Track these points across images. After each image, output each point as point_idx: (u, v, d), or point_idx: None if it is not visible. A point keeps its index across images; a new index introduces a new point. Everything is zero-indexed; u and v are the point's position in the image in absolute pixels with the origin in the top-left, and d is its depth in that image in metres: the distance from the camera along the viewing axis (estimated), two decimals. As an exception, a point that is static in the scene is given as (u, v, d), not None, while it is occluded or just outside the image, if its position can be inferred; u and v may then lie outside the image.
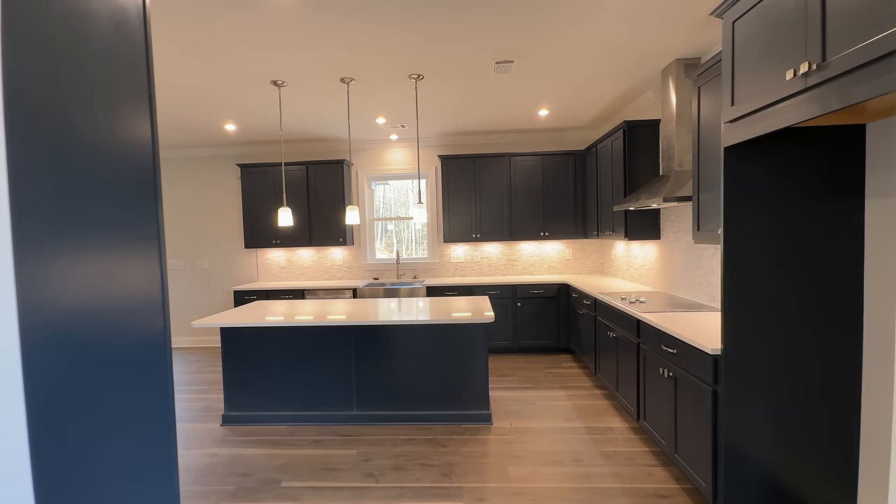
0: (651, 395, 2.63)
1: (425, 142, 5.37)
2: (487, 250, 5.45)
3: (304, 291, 5.03)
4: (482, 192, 5.06)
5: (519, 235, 5.10)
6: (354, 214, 3.36)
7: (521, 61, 3.05)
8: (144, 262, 0.93)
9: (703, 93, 2.50)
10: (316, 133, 4.99)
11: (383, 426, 3.13)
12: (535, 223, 5.07)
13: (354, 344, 3.18)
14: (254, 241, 5.29)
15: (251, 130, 4.73)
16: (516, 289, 4.82)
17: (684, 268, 3.35)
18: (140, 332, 0.92)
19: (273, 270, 5.65)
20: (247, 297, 5.04)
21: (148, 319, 0.94)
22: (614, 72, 3.33)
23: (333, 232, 5.17)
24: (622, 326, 3.07)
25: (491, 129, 5.03)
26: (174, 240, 5.71)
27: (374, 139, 5.35)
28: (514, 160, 5.05)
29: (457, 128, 4.97)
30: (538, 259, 5.43)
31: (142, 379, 0.92)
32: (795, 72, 1.43)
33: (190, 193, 5.66)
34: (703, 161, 2.50)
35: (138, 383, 0.90)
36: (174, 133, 4.80)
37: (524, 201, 5.05)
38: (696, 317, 2.60)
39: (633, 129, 3.72)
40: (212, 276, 5.69)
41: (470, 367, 3.14)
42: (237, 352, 3.25)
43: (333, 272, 5.58)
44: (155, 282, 1.00)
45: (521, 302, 4.82)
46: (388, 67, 3.11)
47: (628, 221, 3.78)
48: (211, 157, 5.59)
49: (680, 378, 2.25)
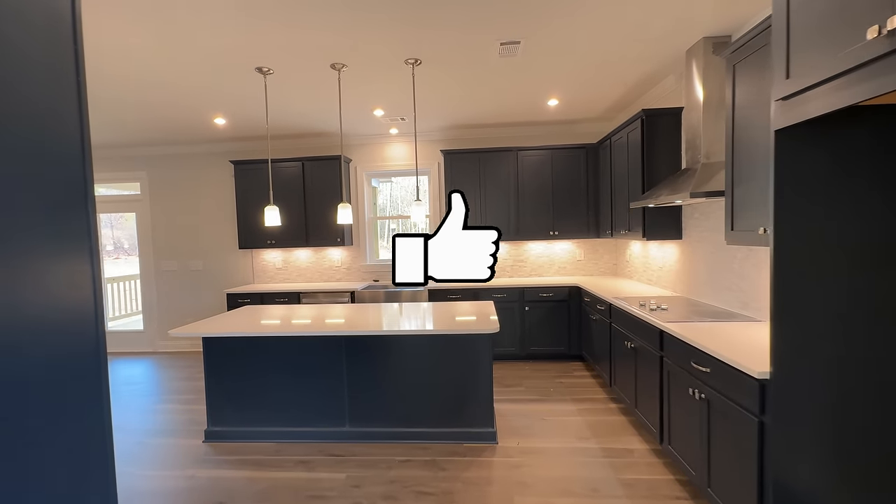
0: (678, 416, 2.33)
1: (426, 136, 5.08)
2: (493, 250, 5.15)
3: (301, 294, 4.77)
4: (487, 188, 4.76)
5: (527, 235, 4.79)
6: (347, 213, 3.09)
7: (528, 42, 2.75)
8: (71, 269, 0.73)
9: (740, 73, 2.18)
10: (312, 127, 4.73)
11: (377, 444, 2.86)
12: (545, 222, 4.76)
13: (347, 354, 2.91)
14: (248, 242, 5.05)
15: (243, 125, 4.48)
16: (524, 292, 4.52)
17: (710, 271, 3.03)
18: (59, 352, 0.70)
19: (269, 272, 5.40)
20: (240, 301, 4.80)
21: (72, 335, 0.73)
22: (631, 54, 3.02)
23: (331, 232, 4.91)
24: (642, 336, 2.76)
25: (496, 121, 4.72)
26: (167, 240, 5.49)
27: (373, 133, 5.07)
28: (521, 155, 4.74)
29: (460, 120, 4.67)
30: (547, 260, 5.12)
31: (60, 409, 0.70)
32: (880, 29, 1.12)
33: (183, 192, 5.43)
34: (738, 151, 2.18)
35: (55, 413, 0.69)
36: (164, 129, 4.57)
37: (532, 198, 4.74)
38: (729, 328, 2.29)
39: (653, 119, 3.40)
40: (206, 277, 5.46)
41: (473, 380, 2.86)
42: (221, 363, 2.99)
43: (332, 273, 5.32)
44: (85, 292, 0.77)
45: (528, 306, 4.51)
46: (383, 52, 2.83)
47: (646, 220, 3.47)
48: (205, 154, 5.36)
49: (714, 401, 1.94)
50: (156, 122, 4.31)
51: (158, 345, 5.56)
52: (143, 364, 5.08)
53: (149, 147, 5.33)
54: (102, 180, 5.54)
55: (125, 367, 5.01)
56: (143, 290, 5.60)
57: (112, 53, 2.73)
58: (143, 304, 5.62)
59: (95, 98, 3.48)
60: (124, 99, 3.62)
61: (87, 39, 2.67)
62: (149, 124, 4.37)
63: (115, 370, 4.93)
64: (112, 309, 6.71)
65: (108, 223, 9.00)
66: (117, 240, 9.11)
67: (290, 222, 4.94)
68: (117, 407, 3.75)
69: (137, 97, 3.57)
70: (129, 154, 5.40)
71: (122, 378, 4.63)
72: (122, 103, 3.73)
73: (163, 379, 4.56)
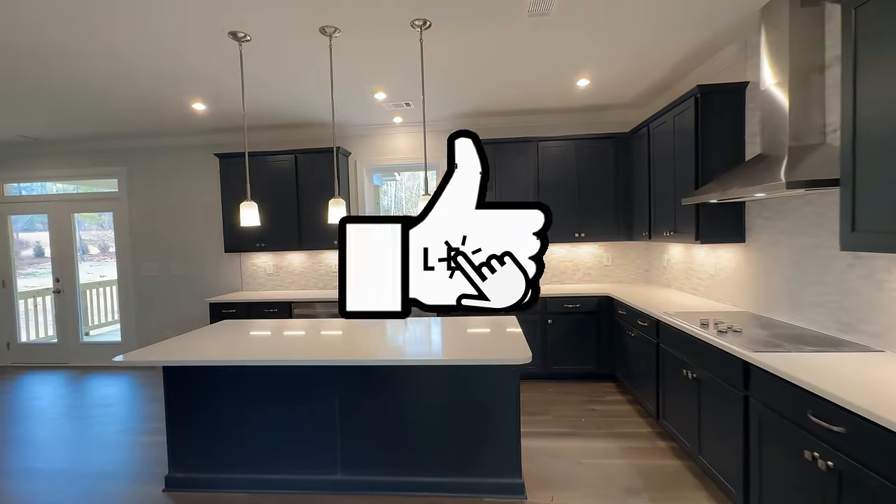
0: (778, 481, 1.74)
1: (435, 126, 4.53)
2: (509, 254, 4.59)
3: (293, 304, 4.23)
4: (503, 184, 4.19)
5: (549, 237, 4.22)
6: (340, 210, 2.54)
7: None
8: None
9: (865, 18, 1.60)
10: (306, 116, 4.19)
11: (376, 497, 2.30)
12: (569, 222, 4.18)
13: (340, 386, 2.35)
14: (235, 245, 4.51)
15: (225, 112, 3.94)
16: (546, 301, 3.94)
17: (789, 282, 2.44)
18: None
19: (259, 277, 4.86)
20: (224, 312, 4.26)
21: None
22: (691, 16, 2.45)
23: (327, 233, 4.37)
24: (710, 365, 2.19)
25: (515, 107, 4.16)
26: (148, 242, 4.96)
27: (374, 123, 4.53)
28: (542, 146, 4.17)
29: (473, 107, 4.11)
30: (570, 265, 4.54)
31: None
32: None
33: (164, 189, 4.90)
34: (863, 126, 1.61)
35: None
36: (140, 118, 4.03)
37: (555, 196, 4.16)
38: (845, 362, 1.71)
39: (710, 97, 2.82)
40: (189, 283, 4.92)
41: (497, 419, 2.29)
42: (185, 395, 2.44)
43: (329, 280, 4.77)
44: None
45: (551, 318, 3.94)
46: (384, 10, 2.28)
47: (700, 219, 2.88)
48: (187, 148, 4.83)
49: (849, 474, 1.36)
50: (132, 108, 3.78)
51: (138, 358, 5.02)
52: (120, 381, 4.55)
53: (127, 140, 4.80)
54: (76, 176, 5.02)
55: (100, 384, 4.48)
56: (121, 298, 5.07)
57: (71, 35, 2.20)
58: (121, 312, 5.09)
59: (57, 90, 2.96)
60: (88, 86, 3.10)
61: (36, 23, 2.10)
62: (122, 109, 3.84)
63: (89, 389, 4.40)
64: (90, 317, 6.20)
65: (96, 224, 8.51)
66: (98, 240, 8.61)
67: (281, 223, 4.40)
68: (78, 439, 3.21)
69: (103, 83, 3.04)
70: (104, 147, 4.88)
71: (95, 399, 4.10)
72: (85, 91, 3.21)
73: (137, 399, 4.03)
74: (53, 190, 5.24)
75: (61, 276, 5.12)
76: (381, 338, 2.62)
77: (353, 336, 2.63)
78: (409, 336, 2.66)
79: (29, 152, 4.94)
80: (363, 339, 2.55)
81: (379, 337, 2.63)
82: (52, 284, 5.13)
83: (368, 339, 2.56)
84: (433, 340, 2.63)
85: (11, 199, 5.11)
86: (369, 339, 2.58)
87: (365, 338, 2.59)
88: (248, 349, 2.48)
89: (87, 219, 8.58)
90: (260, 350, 2.51)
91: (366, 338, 2.59)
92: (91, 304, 6.51)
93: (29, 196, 5.03)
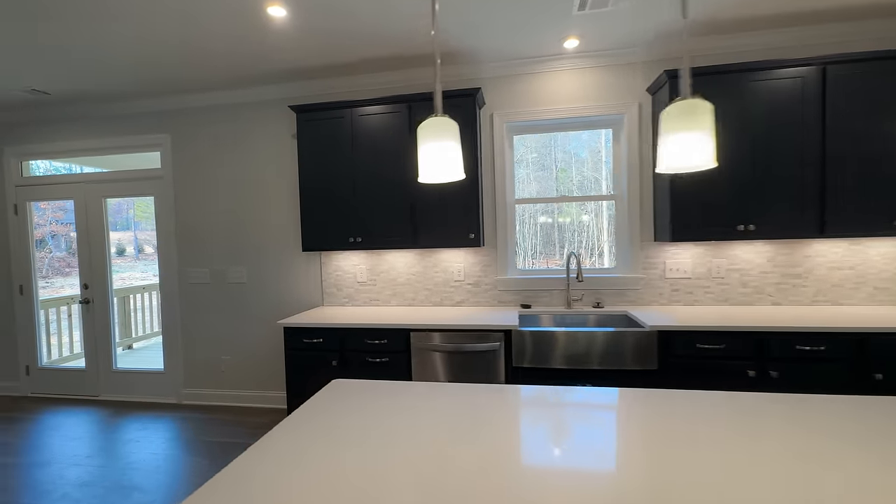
0: None
1: (618, 55, 2.93)
2: (739, 254, 2.90)
3: (411, 332, 2.73)
4: (741, 140, 2.53)
5: (839, 228, 2.50)
6: (441, 147, 1.03)
7: None
8: None
9: None
10: (408, 40, 2.69)
11: None
12: (868, 204, 2.46)
13: None
14: (317, 241, 3.08)
15: (314, 22, 2.49)
16: (850, 342, 2.23)
17: None
18: None
19: (346, 287, 3.42)
20: (306, 341, 2.82)
21: None
22: None
23: (458, 222, 2.86)
24: None
25: (774, 10, 2.48)
26: (196, 240, 3.64)
27: (526, 56, 2.97)
28: (832, 72, 2.47)
29: (705, 11, 2.46)
30: (852, 274, 2.80)
31: None
32: None
33: (219, 166, 3.57)
34: None
35: None
36: (188, 52, 2.67)
37: (841, 161, 2.45)
38: None
39: None
40: (251, 294, 3.56)
41: None
42: None
43: (447, 293, 3.26)
44: None
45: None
46: None
47: None
48: (254, 104, 3.47)
49: None
50: (173, 49, 2.40)
51: (183, 393, 3.71)
52: (161, 427, 3.23)
53: (171, 98, 3.51)
54: (108, 148, 3.78)
55: (136, 434, 3.17)
56: (164, 312, 3.77)
57: None
58: (164, 333, 3.80)
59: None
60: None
61: None
62: (164, 51, 2.48)
63: (121, 442, 3.10)
64: (134, 328, 5.04)
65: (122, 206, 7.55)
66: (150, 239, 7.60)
67: (389, 209, 2.94)
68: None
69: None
70: (143, 109, 3.61)
71: (126, 461, 2.77)
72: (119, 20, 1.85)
73: (180, 470, 2.65)
74: (79, 170, 4.06)
75: (90, 282, 3.90)
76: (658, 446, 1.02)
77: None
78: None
79: (48, 116, 3.76)
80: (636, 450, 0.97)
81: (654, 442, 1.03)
82: (79, 292, 3.93)
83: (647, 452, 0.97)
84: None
85: (28, 182, 3.94)
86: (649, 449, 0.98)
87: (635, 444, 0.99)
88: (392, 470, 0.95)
89: (141, 211, 7.57)
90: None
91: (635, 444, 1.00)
92: (136, 308, 5.37)
93: (48, 177, 3.86)
